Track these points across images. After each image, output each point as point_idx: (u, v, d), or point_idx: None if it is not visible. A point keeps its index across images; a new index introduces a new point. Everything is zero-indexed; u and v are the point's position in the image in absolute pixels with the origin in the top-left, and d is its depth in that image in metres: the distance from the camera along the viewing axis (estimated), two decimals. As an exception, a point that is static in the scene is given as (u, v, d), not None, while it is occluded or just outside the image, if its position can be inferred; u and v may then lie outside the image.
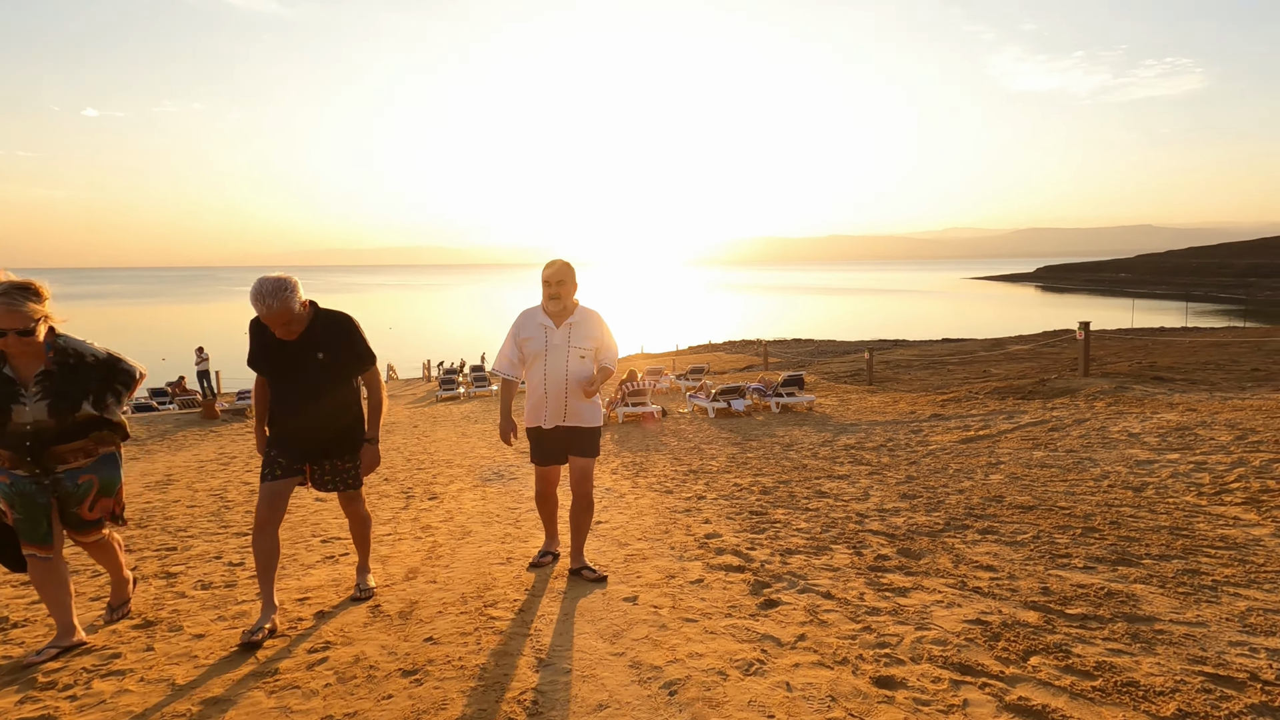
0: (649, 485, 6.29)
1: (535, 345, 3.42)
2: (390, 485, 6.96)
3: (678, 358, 34.68)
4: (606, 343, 3.52)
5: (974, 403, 10.97)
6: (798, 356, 32.93)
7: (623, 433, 10.89)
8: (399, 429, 12.83)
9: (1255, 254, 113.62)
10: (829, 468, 6.82)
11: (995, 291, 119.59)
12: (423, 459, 9.01)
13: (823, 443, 8.65)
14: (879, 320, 70.56)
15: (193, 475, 8.19)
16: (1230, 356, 13.66)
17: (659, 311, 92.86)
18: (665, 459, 8.07)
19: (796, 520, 4.63)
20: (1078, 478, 5.52)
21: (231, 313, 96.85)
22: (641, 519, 4.86)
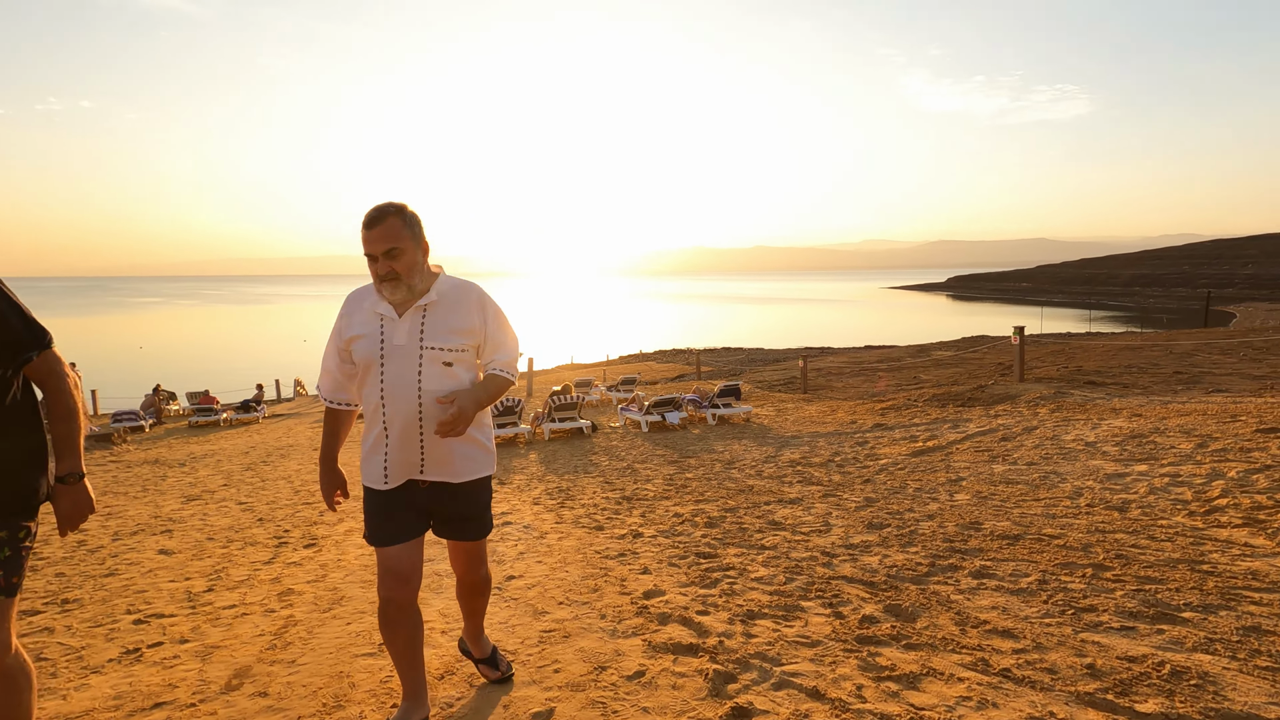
0: (576, 519, 5.38)
1: (367, 348, 2.07)
2: (263, 528, 5.77)
3: (608, 368, 33.85)
4: (497, 337, 2.18)
5: (915, 411, 10.60)
6: (729, 365, 32.68)
7: (549, 452, 9.92)
8: (296, 453, 11.40)
9: (1138, 265, 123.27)
10: (778, 489, 6.11)
11: (911, 300, 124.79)
12: (312, 490, 7.78)
13: (766, 459, 7.97)
14: (805, 328, 71.95)
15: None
16: (1148, 360, 13.96)
17: (588, 321, 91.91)
18: (595, 483, 7.18)
19: (753, 564, 3.84)
20: (1050, 496, 4.98)
21: (121, 326, 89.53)
22: (566, 570, 3.95)
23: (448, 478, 2.14)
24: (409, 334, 2.06)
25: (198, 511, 6.77)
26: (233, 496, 7.69)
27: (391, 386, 2.05)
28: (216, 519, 6.32)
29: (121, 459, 11.15)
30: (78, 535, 5.80)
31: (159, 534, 5.74)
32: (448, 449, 2.11)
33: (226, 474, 9.49)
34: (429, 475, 2.12)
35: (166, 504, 7.36)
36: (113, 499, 7.84)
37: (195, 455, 11.59)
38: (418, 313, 2.07)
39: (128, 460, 11.00)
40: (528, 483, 7.48)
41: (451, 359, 2.09)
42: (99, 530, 6.01)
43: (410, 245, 2.03)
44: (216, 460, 10.93)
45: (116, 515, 6.74)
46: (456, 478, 2.14)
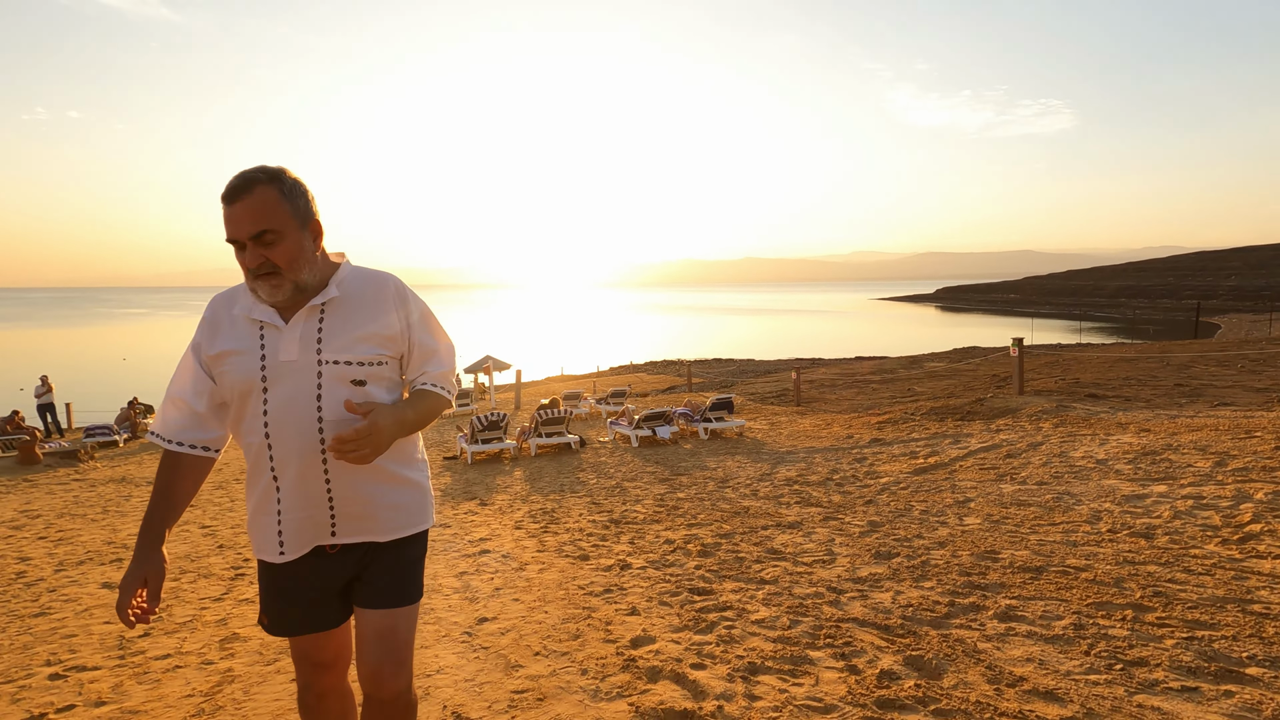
0: (560, 547, 5.00)
1: (242, 369, 1.50)
2: (221, 556, 5.34)
3: (598, 380, 33.45)
4: (426, 344, 1.64)
5: (912, 425, 10.29)
6: (720, 376, 32.37)
7: (535, 468, 9.52)
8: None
9: (1122, 277, 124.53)
10: (775, 511, 5.75)
11: (900, 311, 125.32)
12: (283, 512, 7.35)
13: (760, 476, 7.62)
14: (795, 339, 71.88)
15: (-42, 548, 6.22)
16: (1145, 372, 13.76)
17: (578, 332, 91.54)
18: (582, 504, 6.79)
19: (752, 603, 3.47)
20: (1067, 520, 4.65)
21: (105, 337, 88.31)
22: (545, 610, 3.56)
23: (371, 535, 1.56)
24: (302, 345, 1.48)
25: (156, 536, 6.32)
26: (196, 519, 7.25)
27: (279, 418, 1.47)
28: (174, 545, 5.88)
29: (86, 477, 10.64)
30: (18, 566, 5.34)
31: (108, 563, 5.30)
32: (368, 496, 1.53)
33: (199, 493, 9.01)
34: (344, 537, 1.54)
35: (125, 527, 6.91)
36: (69, 521, 7.37)
37: (165, 472, 11.10)
38: (312, 315, 1.50)
39: (93, 479, 10.50)
40: (511, 503, 7.08)
41: (364, 375, 1.51)
42: (44, 559, 5.56)
43: (292, 226, 1.44)
44: (187, 478, 10.45)
45: (68, 541, 6.28)
46: (384, 533, 1.56)
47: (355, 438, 1.37)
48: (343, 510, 1.53)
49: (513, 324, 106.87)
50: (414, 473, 1.64)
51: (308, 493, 1.50)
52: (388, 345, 1.56)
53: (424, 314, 1.64)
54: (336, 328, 1.52)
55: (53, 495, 9.23)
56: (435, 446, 12.60)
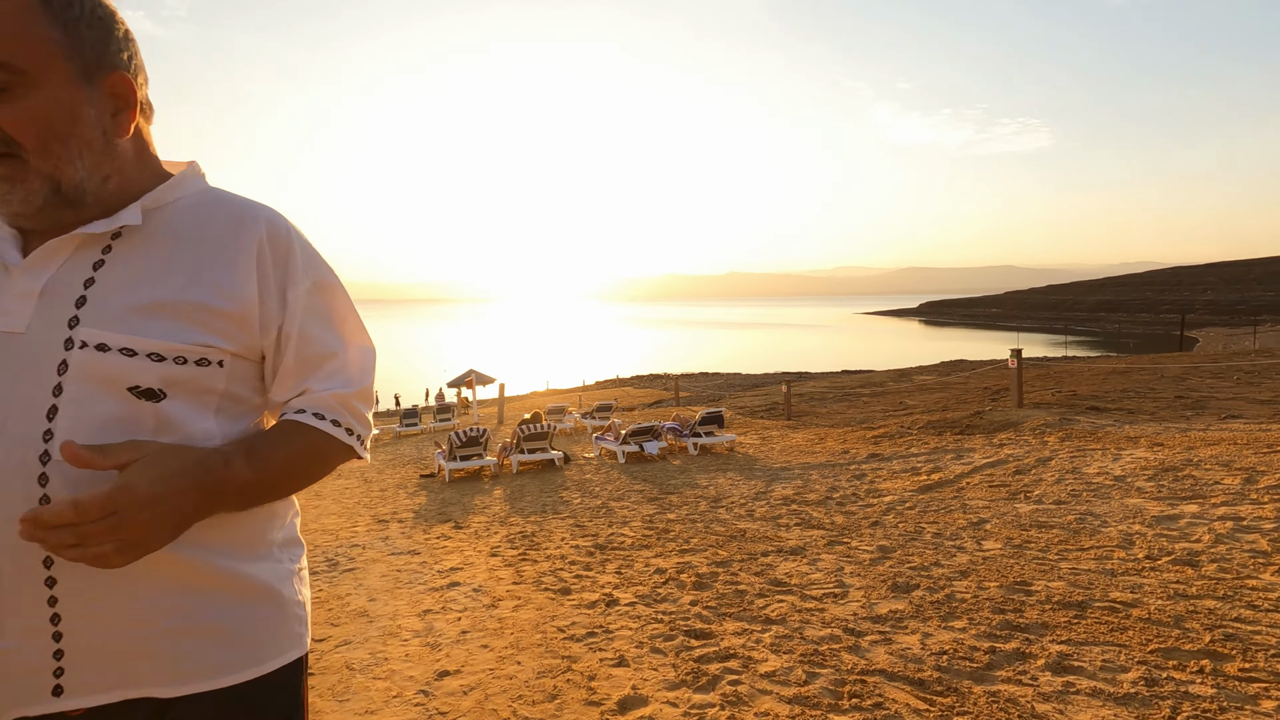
0: (538, 577, 4.49)
1: None
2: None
3: (584, 394, 32.93)
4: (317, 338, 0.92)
5: (910, 439, 9.89)
6: (708, 390, 31.96)
7: (516, 487, 8.99)
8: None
9: (1101, 291, 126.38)
10: (774, 534, 5.28)
11: (884, 325, 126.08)
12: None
13: (755, 495, 7.16)
14: (781, 353, 71.77)
15: None
16: (1141, 384, 13.51)
17: (564, 346, 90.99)
18: (565, 526, 6.29)
19: (759, 649, 3.00)
20: (1097, 545, 4.23)
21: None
22: (518, 658, 3.06)
23: (146, 686, 0.81)
24: (43, 305, 0.78)
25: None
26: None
27: None
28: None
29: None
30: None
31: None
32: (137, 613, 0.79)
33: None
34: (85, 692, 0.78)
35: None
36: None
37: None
38: (82, 253, 0.81)
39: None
40: (488, 526, 6.56)
41: (159, 378, 0.80)
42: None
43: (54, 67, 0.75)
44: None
45: None
46: (174, 681, 0.81)
47: (77, 518, 0.68)
48: (80, 640, 0.77)
49: (498, 338, 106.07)
50: (257, 569, 0.88)
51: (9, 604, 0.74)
52: (227, 329, 0.83)
53: (323, 289, 0.92)
54: (123, 282, 0.80)
55: None
56: (413, 464, 12.03)
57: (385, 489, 9.51)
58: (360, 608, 3.95)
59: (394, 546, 5.82)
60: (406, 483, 9.97)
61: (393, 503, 8.37)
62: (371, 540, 6.11)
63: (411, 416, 18.41)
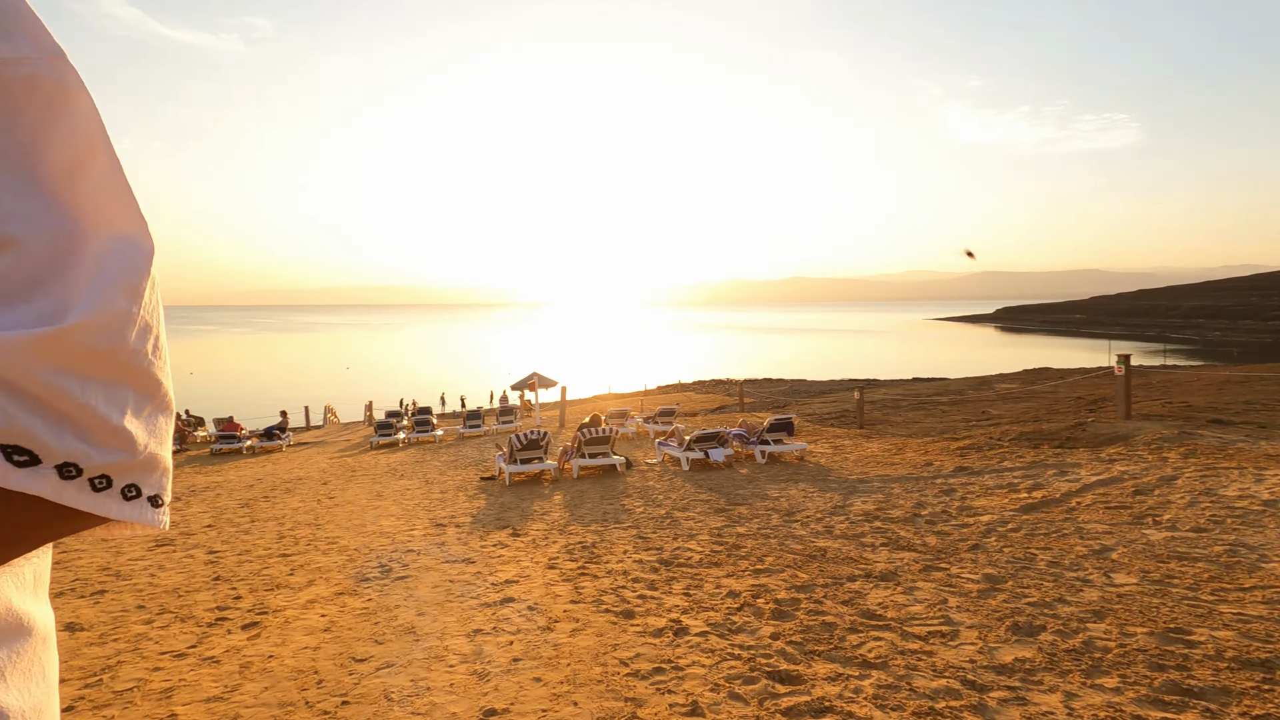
0: (599, 596, 4.11)
1: None
2: (212, 591, 4.64)
3: (645, 398, 32.60)
4: None
5: (1001, 452, 9.07)
6: (772, 396, 31.10)
7: (576, 492, 8.67)
8: (303, 486, 10.40)
9: (1199, 296, 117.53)
10: (859, 555, 4.74)
11: (957, 332, 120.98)
12: (299, 535, 6.68)
13: (832, 509, 6.59)
14: (847, 359, 69.70)
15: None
16: (1268, 395, 12.12)
17: (625, 351, 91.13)
18: (627, 537, 5.90)
19: (859, 702, 2.51)
20: (1261, 584, 3.53)
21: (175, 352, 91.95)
22: (574, 697, 2.68)
23: None
24: None
25: (156, 562, 5.71)
26: (209, 542, 6.63)
27: None
28: (168, 575, 5.22)
29: (116, 491, 10.30)
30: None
31: (88, 597, 4.65)
32: None
33: (218, 511, 8.50)
34: None
35: (129, 550, 6.33)
36: (75, 541, 6.85)
37: (197, 488, 10.69)
38: None
39: (122, 493, 10.14)
40: (546, 534, 6.24)
41: None
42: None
43: None
44: (216, 494, 9.99)
45: (62, 565, 5.72)
46: None
47: None
48: None
49: (558, 342, 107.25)
50: None
51: None
52: None
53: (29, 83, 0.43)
54: None
55: (76, 510, 8.84)
56: (474, 466, 11.91)
57: (446, 491, 9.36)
58: (408, 623, 3.66)
59: (449, 553, 5.56)
60: (467, 485, 9.81)
61: (451, 506, 8.19)
62: (427, 546, 5.88)
63: (475, 418, 18.48)
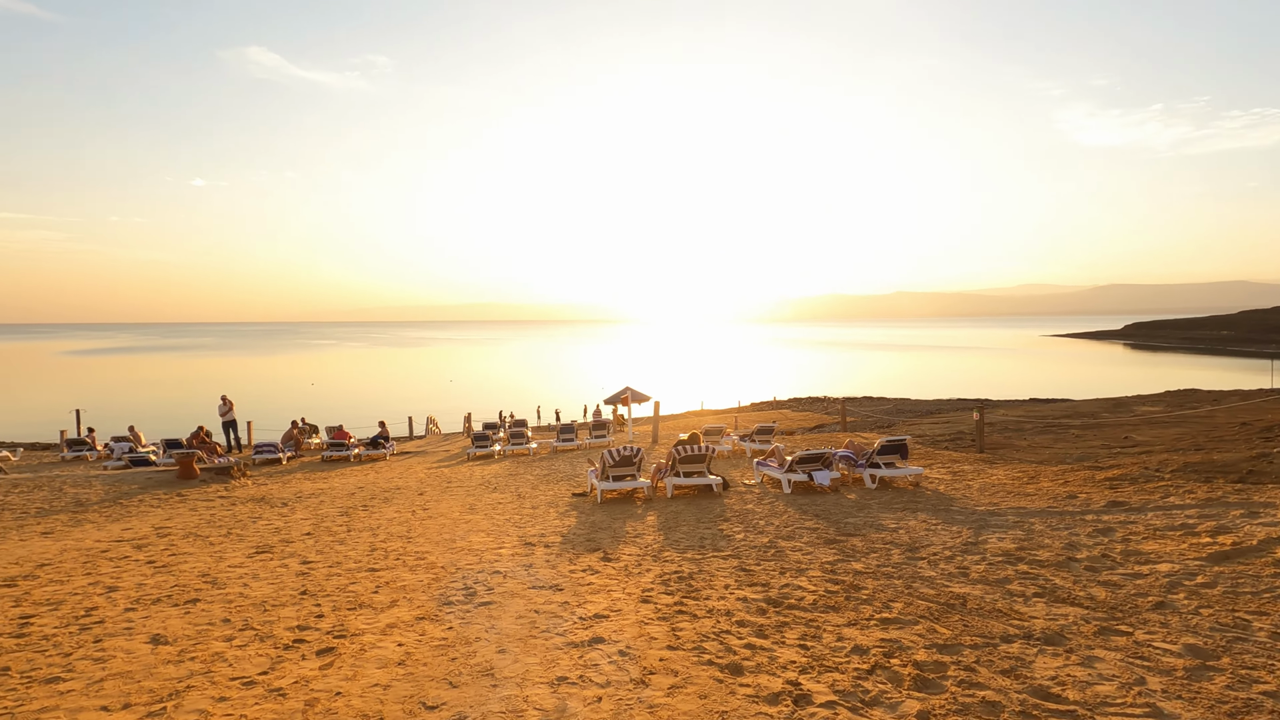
0: (699, 640, 3.58)
1: None
2: (297, 608, 4.48)
3: (739, 415, 31.72)
4: None
5: (1162, 485, 7.81)
6: (875, 415, 29.44)
7: (671, 513, 8.18)
8: (400, 496, 10.48)
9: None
10: (1009, 607, 3.97)
11: (1080, 349, 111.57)
12: (389, 548, 6.56)
13: (963, 546, 5.76)
14: (955, 377, 65.59)
15: (58, 573, 5.93)
16: None
17: (717, 366, 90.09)
18: (728, 568, 5.34)
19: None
20: None
21: (300, 364, 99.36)
22: (677, 784, 2.17)
23: None
24: None
25: (252, 570, 5.69)
26: (304, 550, 6.63)
27: None
28: (260, 585, 5.15)
29: (232, 494, 10.76)
30: (97, 600, 4.80)
31: (180, 605, 4.61)
32: None
33: (319, 519, 8.62)
34: None
35: (230, 556, 6.40)
36: (189, 544, 7.05)
37: (303, 494, 11.01)
38: None
39: (236, 496, 10.57)
40: (640, 560, 5.77)
41: None
42: (129, 591, 5.02)
43: None
44: (319, 501, 10.22)
45: (169, 570, 5.81)
46: None
47: None
48: None
49: (650, 357, 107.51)
50: None
51: None
52: None
53: None
54: None
55: (194, 512, 9.23)
56: (566, 480, 11.67)
57: (537, 506, 9.12)
58: (486, 662, 3.28)
59: (536, 577, 5.20)
60: (558, 501, 9.53)
61: (542, 522, 7.89)
62: (514, 568, 5.55)
63: (568, 432, 18.41)
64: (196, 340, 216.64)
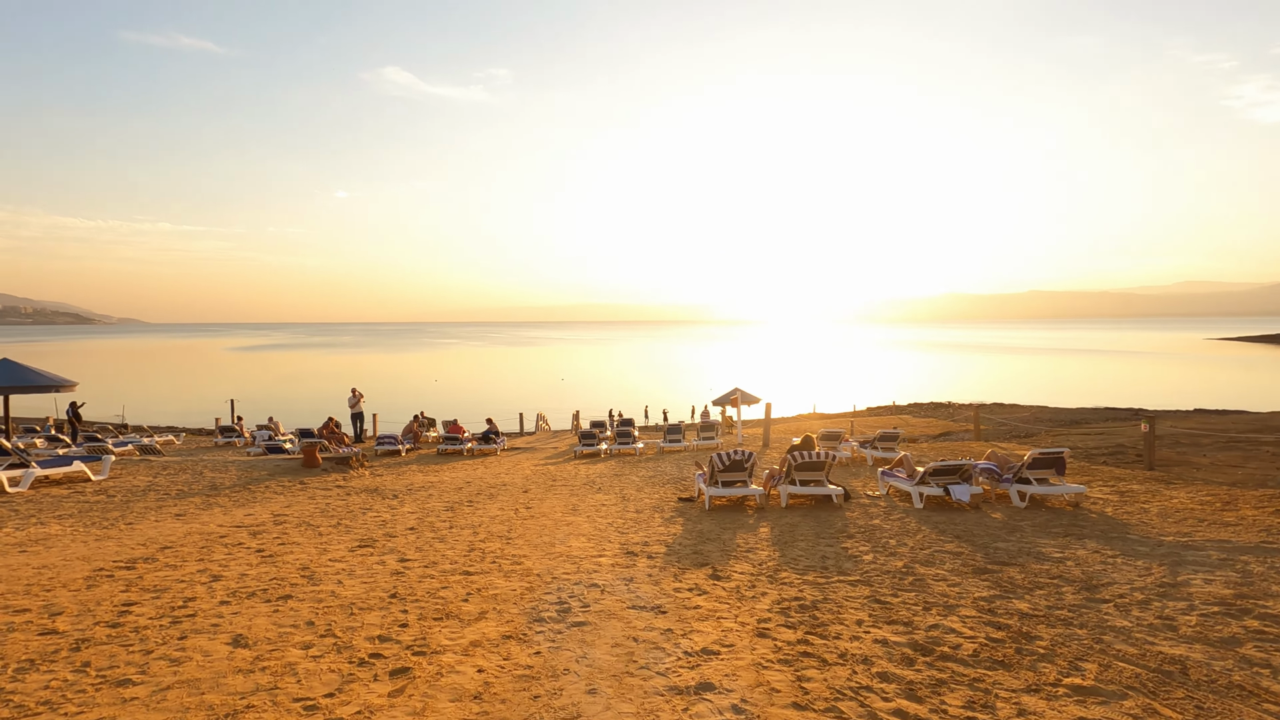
0: (832, 697, 2.89)
1: None
2: (384, 613, 4.18)
3: (855, 419, 29.98)
4: None
5: None
6: (1009, 423, 26.82)
7: (786, 526, 7.42)
8: (505, 493, 10.36)
9: None
10: (1254, 684, 2.98)
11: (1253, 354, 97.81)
12: (488, 549, 6.27)
13: (1159, 588, 4.65)
14: (1102, 385, 59.26)
15: (175, 557, 6.05)
16: None
17: (829, 369, 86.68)
18: (858, 597, 4.57)
19: None
20: None
21: (426, 361, 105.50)
22: None
23: None
24: None
25: (350, 566, 5.55)
26: (404, 546, 6.47)
27: None
28: (351, 585, 4.95)
29: (349, 484, 11.06)
30: (198, 589, 4.76)
31: (272, 601, 4.46)
32: None
33: (424, 513, 8.57)
34: None
35: (334, 548, 6.35)
36: (300, 533, 7.11)
37: (414, 487, 11.15)
38: None
39: (352, 486, 10.85)
40: (753, 581, 5.10)
41: None
42: (230, 582, 4.97)
43: None
44: (429, 494, 10.26)
45: (276, 559, 5.79)
46: None
47: None
48: None
49: (759, 358, 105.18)
50: None
51: None
52: None
53: None
54: None
55: (312, 500, 9.49)
56: (672, 483, 11.13)
57: (641, 510, 8.63)
58: (573, 705, 2.76)
59: (637, 595, 4.67)
60: (663, 505, 9.01)
61: (646, 529, 7.38)
62: (613, 581, 5.05)
63: (675, 433, 17.90)
64: (338, 338, 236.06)
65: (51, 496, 9.19)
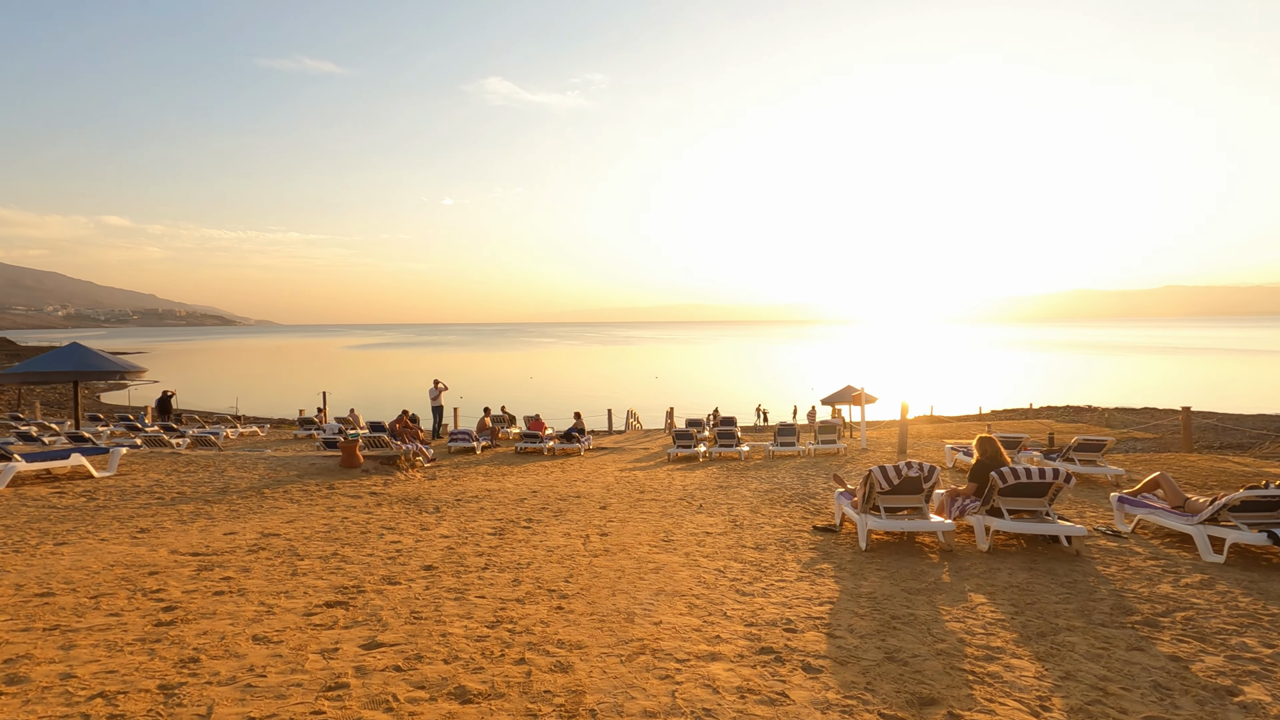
0: None
1: None
2: None
3: (988, 424, 25.73)
4: None
5: None
6: (1201, 433, 21.86)
7: (1009, 589, 4.49)
8: (577, 508, 7.91)
9: None
10: None
11: None
12: (523, 620, 3.77)
13: None
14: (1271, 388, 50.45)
15: (41, 611, 3.91)
16: None
17: (941, 369, 79.80)
18: None
19: None
20: None
21: (522, 360, 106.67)
22: None
23: None
24: None
25: (264, 661, 3.20)
26: (394, 607, 4.10)
27: None
28: (258, 699, 2.55)
29: (386, 490, 8.96)
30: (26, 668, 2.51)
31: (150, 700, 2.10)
32: None
33: (462, 537, 6.25)
34: None
35: (282, 610, 4.04)
36: (264, 570, 4.90)
37: (466, 495, 8.93)
38: None
39: (388, 494, 8.74)
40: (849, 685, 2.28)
41: None
42: (95, 665, 2.70)
43: None
44: (479, 508, 7.98)
45: (163, 638, 3.54)
46: None
47: None
48: None
49: (861, 358, 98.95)
50: None
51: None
52: None
53: None
54: None
55: (330, 513, 7.40)
56: (798, 502, 8.29)
57: (764, 546, 5.91)
58: None
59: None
60: (793, 538, 6.25)
61: (781, 587, 4.66)
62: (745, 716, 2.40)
63: (788, 434, 14.88)
64: (444, 338, 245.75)
65: (25, 498, 7.59)
